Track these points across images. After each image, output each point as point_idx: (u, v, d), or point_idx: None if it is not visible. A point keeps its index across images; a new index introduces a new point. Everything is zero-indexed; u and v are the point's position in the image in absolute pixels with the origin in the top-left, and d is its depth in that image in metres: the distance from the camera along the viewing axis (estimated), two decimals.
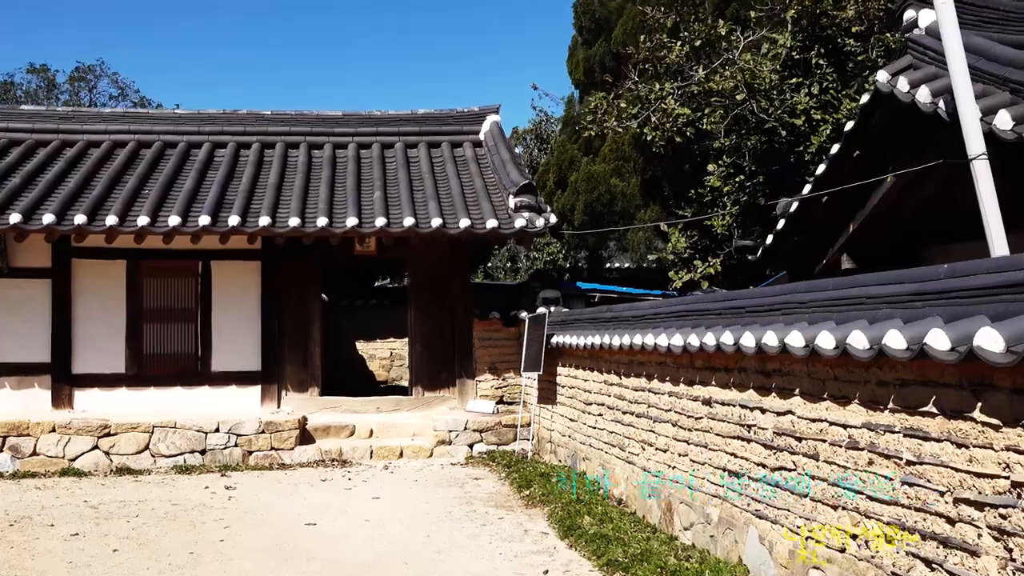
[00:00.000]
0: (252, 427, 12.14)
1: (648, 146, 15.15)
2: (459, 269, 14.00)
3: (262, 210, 12.57)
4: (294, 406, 13.41)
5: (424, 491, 10.07)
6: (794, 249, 10.63)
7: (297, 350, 13.60)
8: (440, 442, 12.53)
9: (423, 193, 13.66)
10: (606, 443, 9.49)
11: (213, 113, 15.38)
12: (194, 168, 13.94)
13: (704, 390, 6.98)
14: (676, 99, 13.39)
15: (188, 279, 13.41)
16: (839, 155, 9.03)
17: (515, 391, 14.00)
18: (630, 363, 8.77)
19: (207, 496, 9.85)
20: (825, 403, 5.26)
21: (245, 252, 13.35)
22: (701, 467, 7.03)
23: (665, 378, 7.82)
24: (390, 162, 14.94)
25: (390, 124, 15.62)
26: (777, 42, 12.83)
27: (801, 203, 9.88)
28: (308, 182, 13.84)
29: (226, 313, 13.39)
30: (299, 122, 15.42)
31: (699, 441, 7.06)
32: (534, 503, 9.10)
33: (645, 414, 8.31)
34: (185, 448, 11.97)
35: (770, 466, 5.90)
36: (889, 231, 9.30)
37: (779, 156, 13.58)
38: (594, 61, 17.00)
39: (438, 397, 13.88)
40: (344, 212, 12.80)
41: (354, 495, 9.92)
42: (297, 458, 12.16)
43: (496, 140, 15.03)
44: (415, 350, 13.95)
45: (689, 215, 14.20)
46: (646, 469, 8.24)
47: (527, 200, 12.86)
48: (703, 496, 6.96)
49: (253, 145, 14.98)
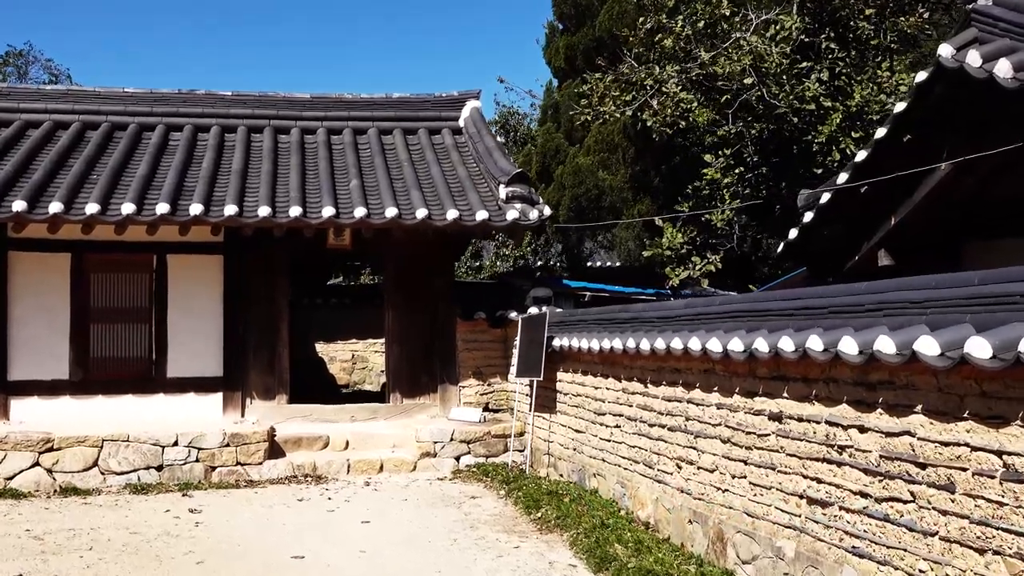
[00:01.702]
0: (215, 440, 10.88)
1: (641, 135, 14.24)
2: (441, 265, 12.90)
3: (227, 198, 11.31)
4: (259, 415, 12.16)
5: (418, 512, 8.97)
6: (821, 244, 9.78)
7: (263, 353, 12.36)
8: (424, 454, 11.41)
9: (403, 182, 12.53)
10: (626, 458, 8.50)
11: (167, 93, 14.00)
12: (147, 152, 12.59)
13: (771, 403, 6.03)
14: (678, 84, 12.48)
15: (141, 274, 12.07)
16: (885, 140, 8.16)
17: (502, 398, 12.95)
18: (660, 370, 7.79)
19: (170, 522, 8.60)
20: (965, 423, 4.33)
21: (206, 245, 12.06)
22: (766, 492, 6.08)
23: (712, 388, 6.86)
24: (364, 149, 13.77)
25: (363, 108, 14.44)
26: (784, 24, 12.00)
27: (833, 194, 9.02)
28: (276, 168, 12.59)
29: (184, 312, 12.08)
30: (263, 104, 14.14)
31: (763, 462, 6.11)
32: (549, 527, 8.07)
33: (682, 428, 7.34)
34: (139, 464, 10.65)
35: (875, 496, 4.97)
36: (936, 224, 8.51)
37: (786, 146, 12.78)
38: (576, 48, 16.04)
39: (418, 404, 12.76)
40: (319, 201, 11.61)
41: (339, 518, 8.77)
42: (266, 474, 10.94)
43: (478, 127, 13.96)
44: (392, 353, 12.81)
45: (686, 210, 13.31)
46: (684, 490, 7.27)
47: (520, 190, 11.82)
48: (769, 526, 6.01)
49: (212, 128, 13.65)
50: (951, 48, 7.21)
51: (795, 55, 11.92)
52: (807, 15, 12.26)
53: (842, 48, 12.10)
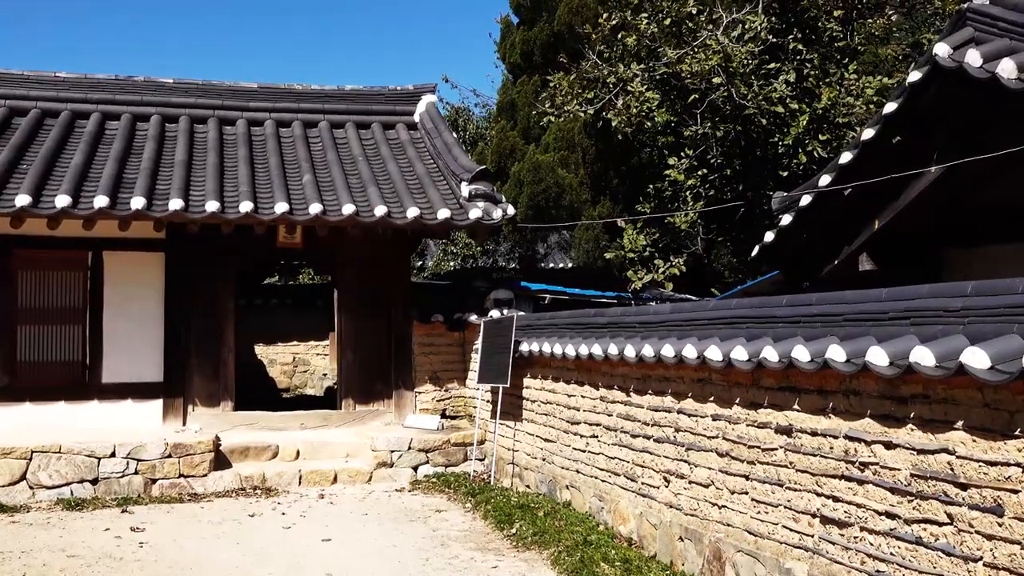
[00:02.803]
0: (156, 450, 10.14)
1: (602, 134, 13.90)
2: (397, 265, 12.33)
3: (171, 191, 10.58)
4: (203, 423, 11.43)
5: (382, 528, 8.42)
6: (797, 248, 9.54)
7: (207, 358, 11.62)
8: (380, 464, 10.85)
9: (359, 178, 11.94)
10: (604, 470, 8.10)
11: (103, 79, 13.12)
12: (83, 141, 11.74)
13: (779, 415, 5.68)
14: (643, 82, 12.15)
15: (75, 273, 11.23)
16: (873, 141, 7.93)
17: (459, 404, 12.46)
18: (645, 377, 7.40)
19: (111, 543, 7.89)
20: (1016, 442, 4.03)
21: (146, 242, 11.29)
22: (772, 509, 5.73)
23: (707, 398, 6.50)
24: (315, 142, 13.12)
25: (313, 100, 13.78)
26: (751, 24, 11.77)
27: (815, 196, 8.77)
28: (223, 161, 11.87)
29: (121, 313, 11.28)
30: (207, 93, 13.37)
31: (768, 477, 5.76)
32: (526, 544, 7.61)
33: (671, 439, 6.97)
34: (73, 477, 9.86)
35: (904, 517, 4.64)
36: (922, 229, 8.32)
37: (750, 148, 12.57)
38: (533, 44, 15.62)
39: (372, 411, 12.17)
40: (271, 197, 10.96)
41: (298, 536, 8.17)
42: (212, 486, 10.24)
43: (435, 122, 13.43)
44: (345, 357, 12.19)
45: (648, 211, 13.01)
46: (673, 505, 6.89)
47: (483, 188, 11.35)
48: (776, 546, 5.66)
49: (152, 118, 12.83)
50: (948, 47, 6.98)
51: (764, 55, 11.70)
52: (774, 15, 12.06)
53: (809, 49, 11.93)
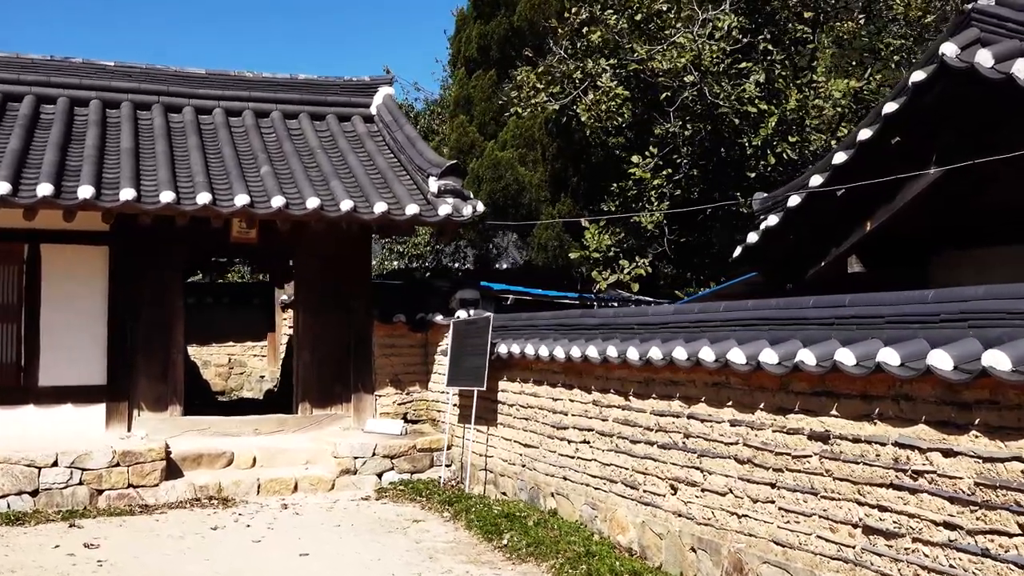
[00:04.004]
0: (103, 459, 9.41)
1: (563, 131, 13.62)
2: (357, 263, 11.80)
3: (121, 180, 9.84)
4: (149, 429, 10.69)
5: (360, 540, 7.93)
6: (780, 249, 9.42)
7: (155, 359, 10.89)
8: (344, 471, 10.32)
9: (319, 171, 11.36)
10: (598, 477, 7.78)
11: (37, 59, 12.19)
12: (17, 124, 10.85)
13: (813, 421, 5.45)
14: (612, 78, 11.91)
15: (9, 267, 10.36)
16: (871, 141, 7.83)
17: (421, 408, 12.00)
18: (648, 381, 7.12)
19: (65, 561, 7.21)
20: None
21: (89, 235, 10.49)
22: (804, 519, 5.50)
23: (724, 403, 6.24)
24: (268, 133, 12.46)
25: (265, 89, 13.09)
26: (721, 23, 11.64)
27: (805, 198, 8.64)
28: (173, 150, 11.14)
29: (61, 311, 10.46)
30: (152, 78, 12.55)
31: (799, 485, 5.53)
32: (521, 556, 7.24)
33: (679, 445, 6.70)
34: (10, 489, 9.05)
35: (967, 528, 4.45)
36: (916, 231, 8.27)
37: (716, 148, 12.46)
38: (491, 38, 15.23)
39: (330, 415, 11.60)
40: (228, 188, 10.31)
41: (270, 551, 7.61)
42: (163, 497, 9.56)
43: (395, 115, 12.92)
44: (302, 358, 11.59)
45: (613, 210, 12.78)
46: (683, 514, 6.62)
47: (452, 184, 10.92)
48: (809, 557, 5.43)
49: (92, 102, 11.97)
50: (955, 47, 6.91)
51: (736, 54, 11.59)
52: (743, 15, 11.96)
53: (778, 50, 11.88)
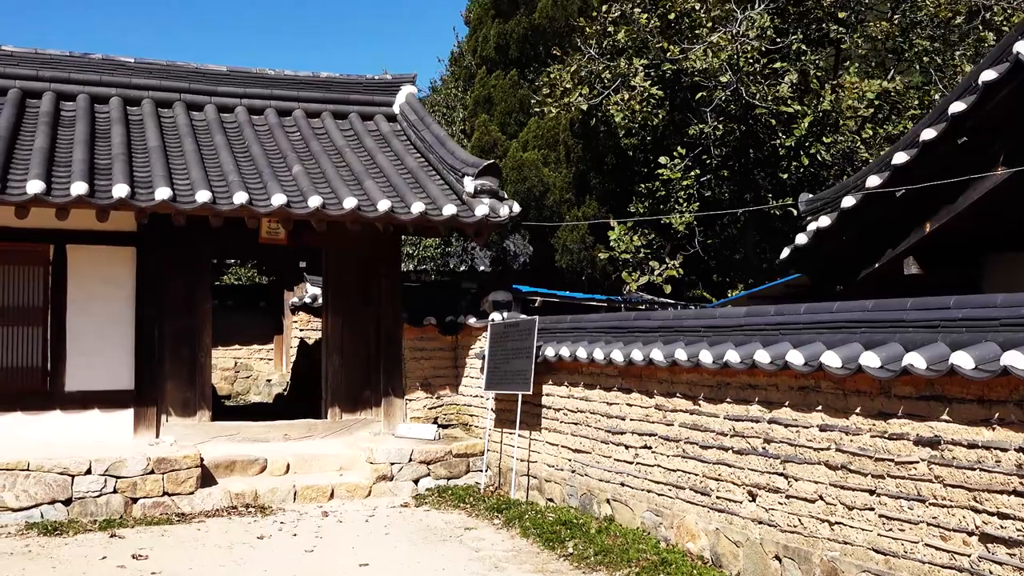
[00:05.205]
0: (137, 466, 9.12)
1: (591, 132, 13.47)
2: (387, 264, 11.57)
3: (155, 179, 9.57)
4: (177, 435, 10.41)
5: (416, 549, 7.71)
6: (830, 251, 9.31)
7: (182, 363, 10.60)
8: (380, 477, 10.09)
9: (350, 171, 11.13)
10: (662, 483, 7.62)
11: (56, 55, 11.86)
12: (40, 122, 10.54)
13: (920, 426, 5.31)
14: (646, 78, 11.77)
15: (34, 268, 10.06)
16: (936, 141, 7.73)
17: (452, 412, 11.78)
18: (721, 385, 6.97)
19: (117, 575, 6.93)
20: None
21: (116, 235, 10.21)
22: (910, 527, 5.36)
23: (813, 407, 6.10)
24: (291, 132, 12.20)
25: (287, 87, 12.83)
26: (756, 22, 11.54)
27: (861, 199, 8.53)
28: (201, 148, 10.87)
29: (87, 314, 10.16)
30: (172, 75, 12.26)
31: (903, 492, 5.39)
32: (590, 566, 7.05)
33: (758, 451, 6.55)
34: (43, 498, 8.75)
35: None
36: (976, 234, 8.18)
37: (747, 149, 12.35)
38: (510, 36, 15.04)
39: (359, 420, 11.36)
40: (263, 188, 10.06)
41: (324, 561, 7.38)
42: (199, 505, 9.28)
43: (419, 114, 12.71)
44: (332, 362, 11.33)
45: (642, 211, 12.64)
46: (764, 522, 6.47)
47: (489, 183, 10.72)
48: (917, 565, 5.29)
49: (112, 99, 11.67)
50: None
51: (771, 54, 11.50)
52: (775, 15, 11.87)
53: (813, 50, 11.79)
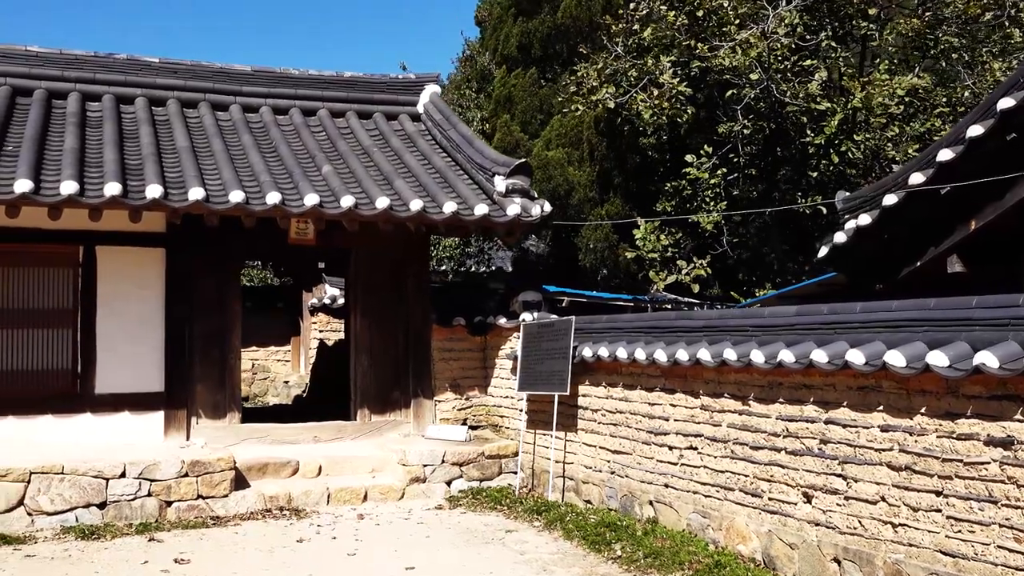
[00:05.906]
0: (171, 469, 9.04)
1: (618, 130, 13.39)
2: (416, 264, 11.50)
3: (187, 180, 9.49)
4: (208, 437, 10.34)
5: (459, 552, 7.63)
6: (870, 249, 9.23)
7: (212, 365, 10.53)
8: (414, 480, 10.01)
9: (379, 171, 11.05)
10: (709, 484, 7.54)
11: (81, 55, 11.78)
12: (68, 123, 10.47)
13: (991, 426, 5.23)
14: (674, 76, 11.69)
15: (64, 270, 9.99)
16: (984, 138, 7.66)
17: (481, 413, 11.70)
18: (773, 385, 6.89)
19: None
20: None
21: (145, 236, 10.14)
22: (980, 528, 5.28)
23: (873, 407, 6.02)
24: (317, 132, 12.13)
25: (311, 87, 12.76)
26: (786, 19, 11.46)
27: (904, 196, 8.46)
28: (229, 149, 10.79)
29: (117, 315, 10.09)
30: (197, 75, 12.19)
31: (972, 493, 5.31)
32: (641, 569, 6.97)
33: (814, 452, 6.47)
34: (78, 502, 8.67)
35: None
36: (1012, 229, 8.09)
37: (775, 147, 12.28)
38: (534, 35, 14.96)
39: (389, 422, 11.29)
40: (294, 188, 9.98)
41: (369, 564, 7.30)
42: (234, 508, 9.21)
43: (444, 113, 12.63)
44: (360, 363, 11.26)
45: (669, 210, 12.57)
46: (821, 523, 6.39)
47: (520, 183, 10.65)
48: (990, 568, 5.20)
49: (138, 100, 11.60)
50: None
51: (802, 51, 11.42)
52: (804, 12, 11.79)
53: (842, 47, 11.71)
